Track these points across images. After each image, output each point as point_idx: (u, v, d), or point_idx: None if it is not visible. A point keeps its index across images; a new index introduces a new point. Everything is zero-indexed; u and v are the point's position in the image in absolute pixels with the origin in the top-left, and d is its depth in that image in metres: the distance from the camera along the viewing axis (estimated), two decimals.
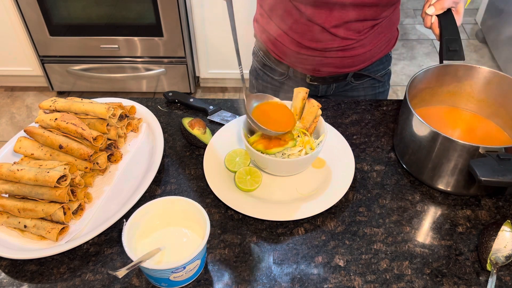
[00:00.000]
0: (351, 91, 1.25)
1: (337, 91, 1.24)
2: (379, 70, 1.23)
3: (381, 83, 1.26)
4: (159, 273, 0.71)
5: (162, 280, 0.73)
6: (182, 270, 0.71)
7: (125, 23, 2.33)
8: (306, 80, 1.21)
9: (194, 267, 0.74)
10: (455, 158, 0.82)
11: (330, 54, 1.12)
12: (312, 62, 1.16)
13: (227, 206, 0.87)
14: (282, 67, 1.22)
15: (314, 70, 1.18)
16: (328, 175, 0.92)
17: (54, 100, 0.97)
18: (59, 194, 0.81)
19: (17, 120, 2.58)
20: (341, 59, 1.14)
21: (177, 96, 1.11)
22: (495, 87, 0.94)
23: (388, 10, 1.08)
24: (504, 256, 0.76)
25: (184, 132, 0.98)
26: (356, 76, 1.20)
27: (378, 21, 1.09)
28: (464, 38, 3.08)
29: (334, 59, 1.14)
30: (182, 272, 0.72)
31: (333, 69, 1.17)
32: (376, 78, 1.23)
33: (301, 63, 1.18)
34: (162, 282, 0.74)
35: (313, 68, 1.18)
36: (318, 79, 1.20)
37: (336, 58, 1.13)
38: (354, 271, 0.78)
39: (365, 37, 1.11)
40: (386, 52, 1.21)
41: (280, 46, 1.17)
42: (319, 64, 1.16)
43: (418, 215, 0.87)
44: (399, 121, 0.94)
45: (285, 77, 1.24)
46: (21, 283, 0.78)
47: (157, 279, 0.73)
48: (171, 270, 0.70)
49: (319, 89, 1.23)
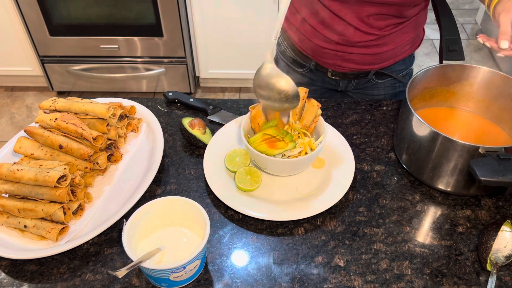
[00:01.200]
0: (371, 89, 1.24)
1: (357, 87, 1.24)
2: (401, 70, 1.22)
3: (402, 83, 1.25)
4: (159, 273, 0.71)
5: (162, 280, 0.73)
6: (182, 270, 0.71)
7: (125, 23, 2.33)
8: (328, 74, 1.21)
9: (194, 267, 0.74)
10: (455, 158, 0.82)
11: (351, 49, 1.12)
12: (334, 56, 1.16)
13: (227, 206, 0.87)
14: (304, 59, 1.22)
15: (336, 65, 1.17)
16: (328, 175, 0.92)
17: (54, 100, 0.97)
18: (59, 194, 0.81)
19: (17, 120, 2.58)
20: (362, 56, 1.13)
21: (177, 96, 1.11)
22: (495, 87, 0.94)
23: (412, 9, 1.07)
24: (504, 256, 0.76)
25: (184, 132, 0.98)
26: (378, 74, 1.20)
27: (403, 20, 1.08)
28: (464, 38, 3.08)
29: (355, 55, 1.13)
30: (182, 272, 0.72)
31: (355, 65, 1.16)
32: (397, 78, 1.22)
33: (323, 57, 1.17)
34: (162, 282, 0.74)
35: (334, 62, 1.17)
36: (339, 74, 1.20)
37: (358, 54, 1.13)
38: (354, 271, 0.78)
39: (388, 35, 1.10)
40: (410, 53, 1.20)
41: (303, 39, 1.16)
42: (341, 59, 1.15)
43: (418, 215, 0.87)
44: (399, 121, 0.94)
45: (307, 69, 1.24)
46: (21, 283, 0.78)
47: (157, 279, 0.73)
48: (171, 270, 0.70)
49: (339, 84, 1.23)
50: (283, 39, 1.27)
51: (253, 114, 0.94)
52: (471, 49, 3.00)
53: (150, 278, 0.75)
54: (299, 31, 1.17)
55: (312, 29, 1.13)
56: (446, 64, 0.94)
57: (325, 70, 1.21)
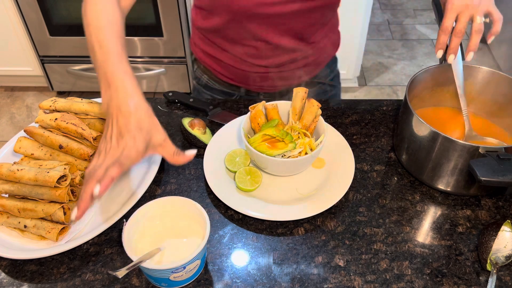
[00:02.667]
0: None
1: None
2: (328, 74, 1.22)
3: (332, 87, 1.25)
4: (159, 273, 0.71)
5: (162, 280, 0.73)
6: (182, 270, 0.71)
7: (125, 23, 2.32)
8: (260, 97, 1.19)
9: (194, 267, 0.74)
10: (455, 158, 0.82)
11: (282, 68, 1.11)
12: (263, 79, 1.14)
13: (227, 206, 0.87)
14: (232, 89, 1.19)
15: (266, 86, 1.16)
16: (328, 175, 0.92)
17: (54, 100, 0.97)
18: (59, 194, 0.81)
19: (17, 120, 2.58)
20: (292, 72, 1.13)
21: (177, 96, 1.11)
22: (495, 87, 0.94)
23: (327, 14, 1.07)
24: (504, 256, 0.76)
25: (184, 132, 0.98)
26: (307, 84, 1.19)
27: (322, 26, 1.08)
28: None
29: (287, 72, 1.12)
30: (182, 272, 0.72)
31: (285, 82, 1.15)
32: (327, 83, 1.22)
33: (254, 82, 1.15)
34: (162, 282, 0.74)
35: (264, 84, 1.16)
36: (271, 95, 1.18)
37: (288, 71, 1.12)
38: (354, 271, 0.78)
39: (313, 43, 1.10)
40: (332, 55, 1.21)
41: (228, 68, 1.14)
42: (271, 79, 1.14)
43: (418, 215, 0.87)
44: (399, 121, 0.94)
45: (236, 97, 1.21)
46: (21, 283, 0.78)
47: (157, 279, 0.73)
48: (171, 270, 0.70)
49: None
50: (202, 72, 1.22)
51: (253, 114, 0.94)
52: None
53: (150, 278, 0.75)
54: (222, 61, 1.14)
55: (236, 57, 1.11)
56: (446, 64, 0.94)
57: (255, 94, 1.19)
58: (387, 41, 3.10)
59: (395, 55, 2.99)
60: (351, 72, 2.61)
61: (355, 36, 2.41)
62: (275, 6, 0.97)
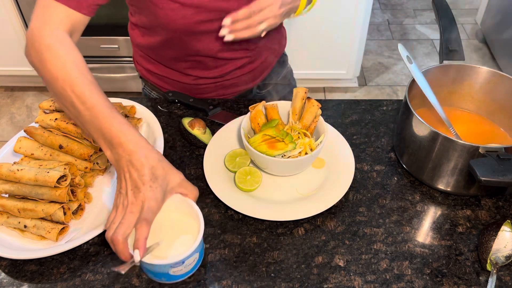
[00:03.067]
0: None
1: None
2: (279, 73, 1.21)
3: (287, 85, 1.24)
4: (159, 268, 0.72)
5: (162, 275, 0.73)
6: (181, 264, 0.72)
7: (125, 23, 2.31)
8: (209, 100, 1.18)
9: (193, 261, 0.74)
10: (455, 158, 0.82)
11: (229, 76, 1.10)
12: (213, 88, 1.13)
13: (227, 206, 0.87)
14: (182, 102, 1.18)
15: (217, 95, 1.15)
16: (328, 175, 0.92)
17: (54, 100, 0.96)
18: (59, 194, 0.81)
19: (17, 120, 2.58)
20: (239, 78, 1.12)
21: (177, 96, 1.11)
22: (495, 87, 0.94)
23: None
24: (504, 256, 0.76)
25: (184, 132, 0.98)
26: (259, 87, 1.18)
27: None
28: (464, 38, 3.08)
29: (234, 79, 1.12)
30: (181, 266, 0.72)
31: (236, 89, 1.15)
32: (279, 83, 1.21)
33: (202, 92, 1.15)
34: (162, 277, 0.74)
35: (215, 94, 1.15)
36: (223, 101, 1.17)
37: (236, 78, 1.12)
38: (354, 271, 0.78)
39: (256, 47, 1.09)
40: (280, 54, 1.20)
41: (174, 83, 1.13)
42: (220, 88, 1.13)
43: (418, 215, 0.87)
44: (399, 121, 0.94)
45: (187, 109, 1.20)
46: (21, 283, 0.78)
47: (156, 274, 0.74)
48: (170, 265, 0.71)
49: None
50: (150, 89, 1.20)
51: (253, 114, 0.94)
52: (471, 49, 3.00)
53: (149, 273, 0.75)
54: (166, 78, 1.13)
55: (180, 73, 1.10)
56: (446, 64, 0.94)
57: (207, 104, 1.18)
58: (387, 41, 3.10)
59: (395, 55, 2.98)
60: (351, 72, 2.61)
61: (355, 36, 2.40)
62: (214, 22, 0.96)
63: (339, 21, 2.32)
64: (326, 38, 2.40)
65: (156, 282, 0.77)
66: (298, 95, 0.94)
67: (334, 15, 2.28)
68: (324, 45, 2.44)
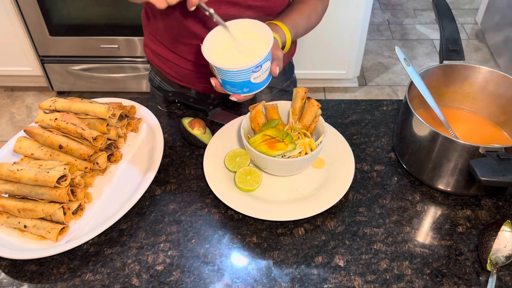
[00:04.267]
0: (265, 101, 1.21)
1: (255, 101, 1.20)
2: (284, 80, 1.21)
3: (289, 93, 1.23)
4: (242, 75, 0.76)
5: (244, 85, 0.78)
6: (260, 69, 0.76)
7: (125, 23, 2.32)
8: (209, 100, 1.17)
9: (267, 68, 0.80)
10: (455, 158, 0.82)
11: None
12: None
13: (227, 206, 0.87)
14: (182, 90, 1.18)
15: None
16: (328, 175, 0.92)
17: (54, 100, 0.96)
18: (59, 194, 0.81)
19: (17, 120, 2.58)
20: None
21: (177, 96, 1.11)
22: (495, 87, 0.94)
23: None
24: (504, 256, 0.76)
25: (184, 132, 0.98)
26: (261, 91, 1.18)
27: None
28: (464, 38, 3.08)
29: None
30: (260, 72, 0.77)
31: None
32: (283, 88, 1.21)
33: (200, 83, 1.14)
34: (244, 88, 0.78)
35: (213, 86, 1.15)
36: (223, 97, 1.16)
37: None
38: (354, 271, 0.78)
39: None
40: (287, 61, 1.20)
41: (175, 67, 1.13)
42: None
43: (418, 215, 0.87)
44: (399, 121, 0.94)
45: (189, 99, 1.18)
46: (21, 283, 0.78)
47: (239, 84, 0.78)
48: (252, 69, 0.76)
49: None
50: (155, 73, 1.21)
51: (253, 114, 0.94)
52: (471, 49, 3.00)
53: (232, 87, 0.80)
54: (168, 61, 1.13)
55: (180, 57, 1.10)
56: (446, 64, 0.94)
57: (207, 97, 1.18)
58: (387, 41, 3.10)
59: (395, 55, 2.98)
60: (351, 72, 2.61)
61: (355, 36, 2.41)
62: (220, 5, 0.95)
63: (339, 21, 2.33)
64: (326, 38, 2.40)
65: (156, 282, 0.77)
66: (298, 95, 0.94)
67: (334, 15, 2.28)
68: (324, 45, 2.44)
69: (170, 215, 0.87)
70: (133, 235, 0.84)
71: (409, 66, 0.89)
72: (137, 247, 0.82)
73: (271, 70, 0.84)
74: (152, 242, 0.83)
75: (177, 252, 0.81)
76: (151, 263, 0.80)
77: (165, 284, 0.77)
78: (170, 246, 0.82)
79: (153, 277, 0.78)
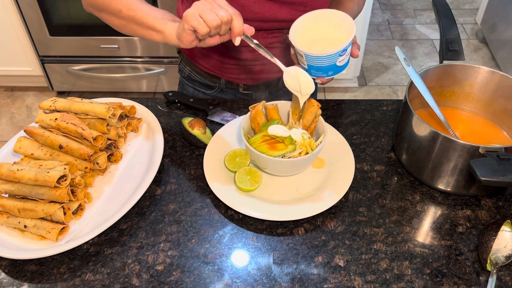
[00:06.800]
0: (284, 96, 1.20)
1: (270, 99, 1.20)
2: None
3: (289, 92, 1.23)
4: (329, 60, 0.82)
5: (329, 68, 0.82)
6: (345, 52, 0.82)
7: None
8: (239, 90, 1.18)
9: (349, 52, 0.85)
10: (455, 158, 0.82)
11: (262, 61, 1.09)
12: (244, 70, 1.12)
13: (227, 206, 0.87)
14: (213, 80, 1.18)
15: (247, 78, 1.14)
16: (328, 175, 0.92)
17: (54, 100, 0.97)
18: (59, 194, 0.81)
19: (17, 120, 2.58)
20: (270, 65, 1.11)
21: (177, 96, 1.11)
22: (495, 87, 0.94)
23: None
24: (504, 256, 0.76)
25: (184, 132, 0.98)
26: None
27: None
28: (464, 38, 3.08)
29: (265, 65, 1.10)
30: (345, 55, 0.83)
31: (266, 75, 1.14)
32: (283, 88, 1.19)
33: (233, 73, 1.14)
34: (329, 71, 0.83)
35: (245, 76, 1.14)
36: (251, 87, 1.17)
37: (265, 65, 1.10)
38: (354, 271, 0.78)
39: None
40: None
41: (209, 59, 1.13)
42: (251, 71, 1.12)
43: (418, 215, 0.87)
44: (399, 121, 0.94)
45: (217, 90, 1.20)
46: (21, 283, 0.78)
47: (325, 68, 0.82)
48: (339, 52, 0.81)
49: (252, 97, 1.20)
50: (185, 63, 1.21)
51: (253, 114, 0.94)
52: (471, 49, 3.00)
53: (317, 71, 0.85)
54: (202, 52, 1.13)
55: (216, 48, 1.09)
56: (446, 64, 0.94)
57: (235, 87, 1.17)
58: (387, 41, 3.10)
59: (395, 55, 2.98)
60: (351, 72, 2.61)
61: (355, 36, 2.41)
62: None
63: None
64: None
65: (156, 282, 0.77)
66: None
67: None
68: None
69: (170, 215, 0.87)
70: (133, 235, 0.84)
71: (409, 66, 0.89)
72: (137, 247, 0.82)
73: (352, 53, 0.88)
74: (152, 242, 0.83)
75: (177, 252, 0.81)
76: (151, 263, 0.80)
77: (165, 284, 0.77)
78: (170, 246, 0.82)
79: (153, 277, 0.78)
